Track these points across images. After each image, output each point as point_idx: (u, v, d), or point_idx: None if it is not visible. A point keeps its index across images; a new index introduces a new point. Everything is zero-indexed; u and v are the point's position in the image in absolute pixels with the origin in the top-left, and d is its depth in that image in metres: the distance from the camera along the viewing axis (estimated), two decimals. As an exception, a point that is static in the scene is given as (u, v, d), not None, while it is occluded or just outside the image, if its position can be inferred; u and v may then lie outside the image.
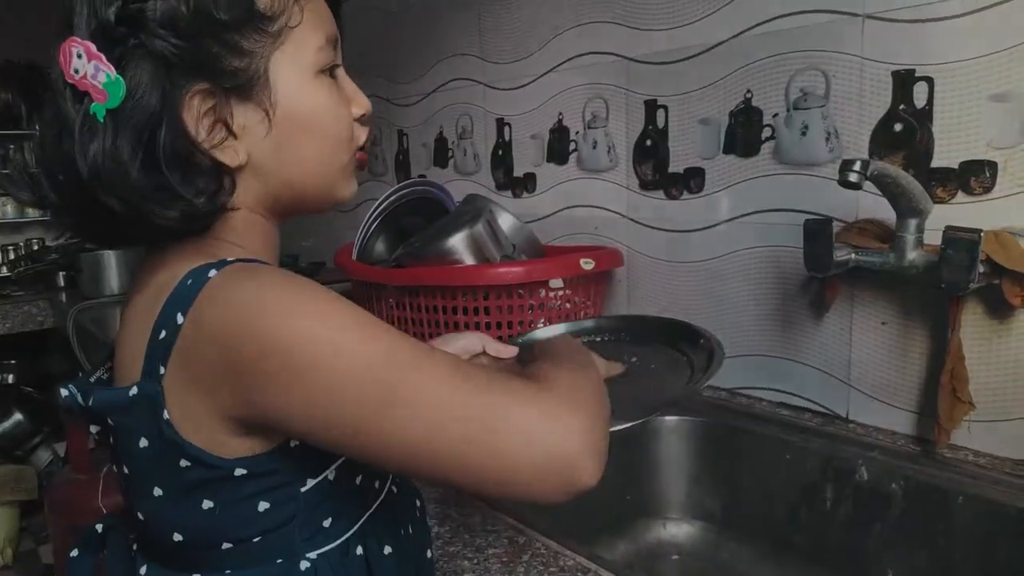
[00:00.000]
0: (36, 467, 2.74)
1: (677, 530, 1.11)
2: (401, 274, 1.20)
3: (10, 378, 3.05)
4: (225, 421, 0.50)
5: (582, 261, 1.15)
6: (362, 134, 0.61)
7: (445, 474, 0.47)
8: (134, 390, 0.51)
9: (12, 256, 3.06)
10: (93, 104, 0.48)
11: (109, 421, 0.54)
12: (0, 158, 3.07)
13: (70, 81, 0.48)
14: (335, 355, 0.46)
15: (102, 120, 0.48)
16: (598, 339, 0.93)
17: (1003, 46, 0.85)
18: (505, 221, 1.36)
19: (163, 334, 0.50)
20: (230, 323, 0.47)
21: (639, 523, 1.11)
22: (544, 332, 0.97)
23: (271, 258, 0.60)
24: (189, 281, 0.50)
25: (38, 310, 2.61)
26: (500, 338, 1.12)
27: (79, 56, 0.48)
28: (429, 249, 1.19)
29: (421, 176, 1.90)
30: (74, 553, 0.64)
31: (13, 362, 3.06)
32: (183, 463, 0.51)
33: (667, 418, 1.12)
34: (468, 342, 0.84)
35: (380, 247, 1.45)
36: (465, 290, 1.13)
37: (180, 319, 0.49)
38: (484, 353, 0.84)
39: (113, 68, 0.48)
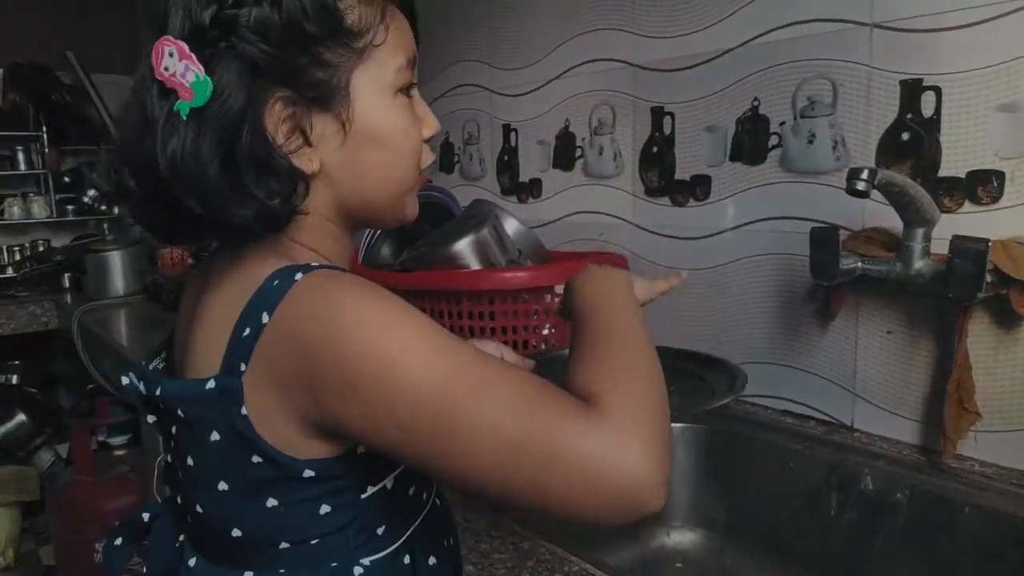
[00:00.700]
0: (38, 468, 2.74)
1: (681, 537, 1.11)
2: (407, 278, 1.20)
3: (14, 379, 3.05)
4: (298, 422, 0.51)
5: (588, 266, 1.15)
6: (428, 156, 0.62)
7: (516, 501, 0.48)
8: (211, 383, 0.51)
9: (18, 257, 3.07)
10: (179, 102, 0.49)
11: (179, 412, 0.54)
12: (9, 159, 3.09)
13: (159, 78, 0.50)
14: (405, 375, 0.47)
15: (185, 118, 0.49)
16: None
17: (1011, 56, 0.85)
18: (511, 226, 1.36)
19: (247, 331, 0.50)
20: (312, 329, 0.48)
21: (643, 530, 1.10)
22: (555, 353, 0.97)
23: (343, 265, 0.61)
24: (276, 282, 0.50)
25: (43, 311, 2.62)
26: (506, 342, 1.12)
27: (171, 55, 0.49)
28: (435, 254, 1.20)
29: (427, 181, 1.91)
30: (118, 541, 0.64)
31: (17, 363, 3.06)
32: (255, 459, 0.51)
33: (672, 425, 1.12)
34: (484, 348, 0.84)
35: (386, 251, 1.45)
36: (470, 295, 1.13)
37: (265, 318, 0.49)
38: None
39: (202, 68, 0.49)
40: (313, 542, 0.54)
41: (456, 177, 1.81)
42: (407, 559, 0.59)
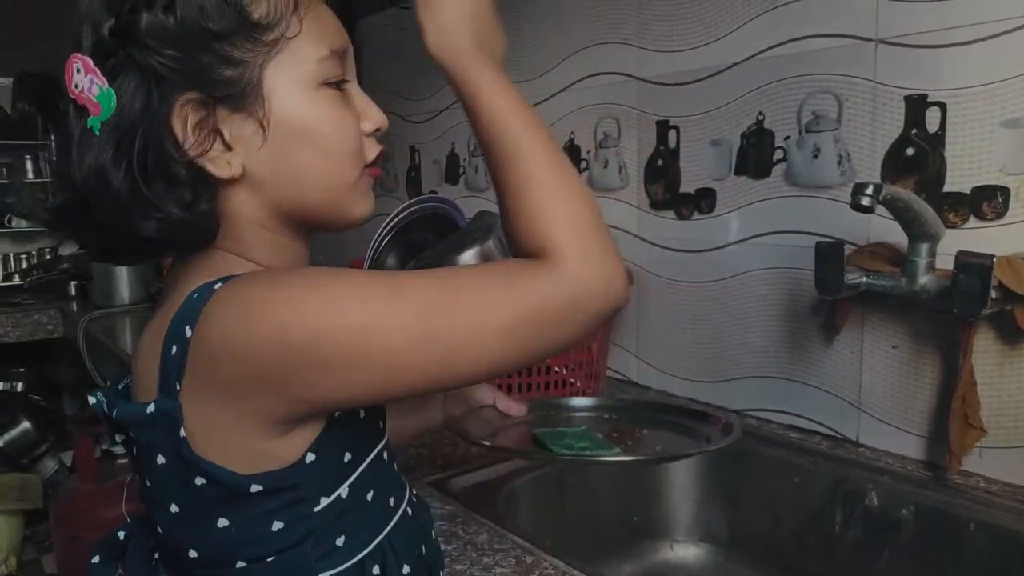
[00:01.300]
0: (41, 476, 2.74)
1: (684, 552, 1.10)
2: (411, 290, 1.20)
3: (19, 386, 3.06)
4: (258, 426, 0.50)
5: (592, 280, 1.15)
6: (373, 150, 0.58)
7: (525, 364, 0.53)
8: (151, 407, 0.51)
9: (24, 265, 3.08)
10: (91, 118, 0.49)
11: (131, 435, 0.54)
12: (17, 167, 3.11)
13: (72, 96, 0.49)
14: (370, 330, 0.48)
15: (99, 134, 0.49)
16: (598, 416, 0.91)
17: (1017, 72, 0.85)
18: (515, 238, 1.36)
19: (174, 349, 0.50)
20: (249, 332, 0.48)
21: (646, 544, 1.10)
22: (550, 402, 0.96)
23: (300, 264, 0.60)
24: (195, 295, 0.50)
25: (48, 319, 2.63)
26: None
27: (78, 71, 0.49)
28: (440, 264, 1.20)
29: (432, 192, 1.91)
30: (95, 559, 0.64)
31: (22, 370, 3.07)
32: (198, 481, 0.51)
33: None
34: (477, 392, 0.84)
35: (391, 262, 1.45)
36: (475, 307, 1.13)
37: (188, 332, 0.49)
38: (493, 406, 0.85)
39: (106, 81, 0.49)
40: (270, 559, 0.53)
41: (461, 188, 1.82)
42: (376, 569, 0.57)
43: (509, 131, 0.55)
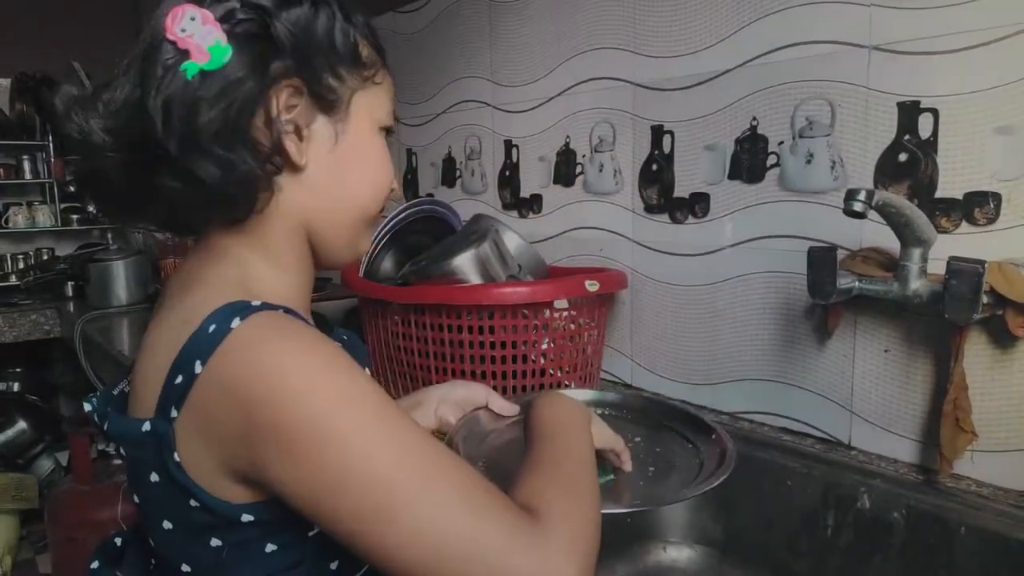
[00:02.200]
0: (37, 476, 2.74)
1: (678, 554, 1.11)
2: (407, 292, 1.21)
3: (15, 386, 3.06)
4: (230, 473, 0.50)
5: (587, 283, 1.15)
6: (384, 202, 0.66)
7: None
8: (147, 426, 0.51)
9: (22, 265, 3.08)
10: (188, 62, 0.51)
11: (122, 451, 0.54)
12: (15, 168, 3.11)
13: (171, 38, 0.52)
14: (346, 446, 0.47)
15: (190, 78, 0.51)
16: (599, 412, 0.92)
17: (1009, 80, 0.86)
18: (511, 241, 1.37)
19: (179, 379, 0.50)
20: (246, 385, 0.48)
21: (639, 546, 1.10)
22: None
23: (303, 290, 0.62)
24: (211, 328, 0.49)
25: (45, 319, 2.63)
26: (505, 357, 1.13)
27: (192, 19, 0.52)
28: (435, 268, 1.20)
29: (429, 195, 1.92)
30: (95, 564, 0.64)
31: (19, 370, 3.07)
32: (192, 503, 0.51)
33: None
34: (471, 393, 0.85)
35: (387, 265, 1.46)
36: (470, 309, 1.14)
37: (198, 367, 0.49)
38: (486, 408, 0.85)
39: (225, 37, 0.52)
40: None
41: (458, 192, 1.82)
42: None
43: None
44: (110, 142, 0.53)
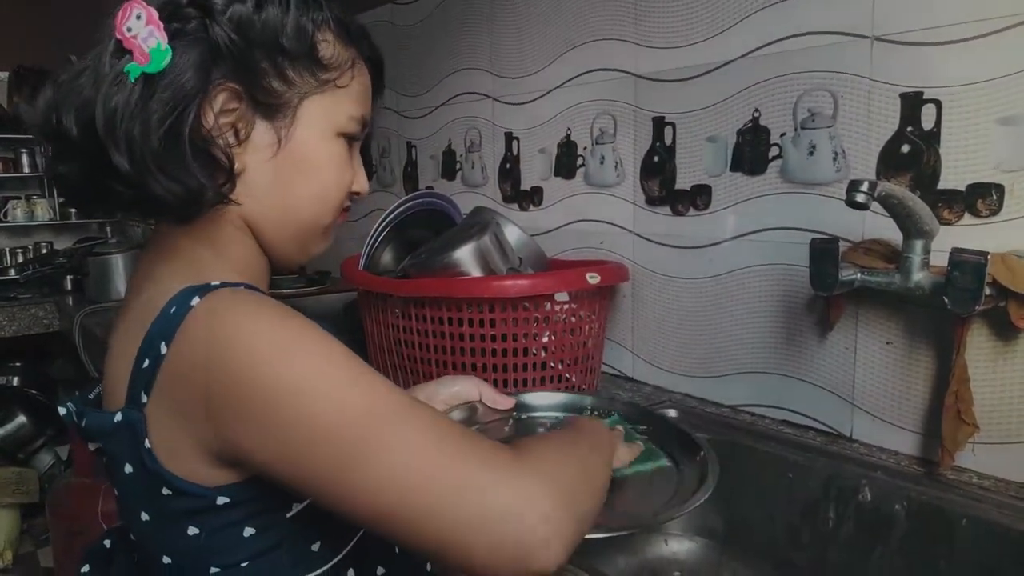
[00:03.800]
0: (38, 470, 2.74)
1: (679, 547, 1.11)
2: (407, 285, 1.21)
3: (15, 380, 3.05)
4: (202, 452, 0.50)
5: (588, 275, 1.15)
6: (346, 204, 0.63)
7: (405, 539, 0.46)
8: (118, 416, 0.51)
9: (20, 259, 3.08)
10: (131, 64, 0.50)
11: (100, 445, 0.54)
12: (12, 161, 3.10)
13: (118, 36, 0.51)
14: (313, 401, 0.46)
15: (133, 80, 0.50)
16: (589, 413, 0.92)
17: (1011, 70, 0.85)
18: (512, 234, 1.37)
19: (146, 363, 0.50)
20: (205, 352, 0.47)
21: (640, 539, 1.10)
22: (538, 396, 0.96)
23: (257, 280, 0.60)
24: (172, 309, 0.50)
25: (44, 313, 2.63)
26: (506, 350, 1.12)
27: (138, 17, 0.51)
28: (436, 261, 1.20)
29: (429, 188, 1.91)
30: (85, 569, 0.64)
31: (18, 364, 3.07)
32: (165, 491, 0.51)
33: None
34: (463, 388, 0.84)
35: (387, 257, 1.45)
36: (471, 302, 1.13)
37: (163, 348, 0.49)
38: (480, 401, 0.84)
39: (166, 39, 0.51)
40: (243, 565, 0.53)
41: (458, 184, 1.82)
42: (351, 573, 0.58)
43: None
44: (74, 139, 0.52)
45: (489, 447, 0.48)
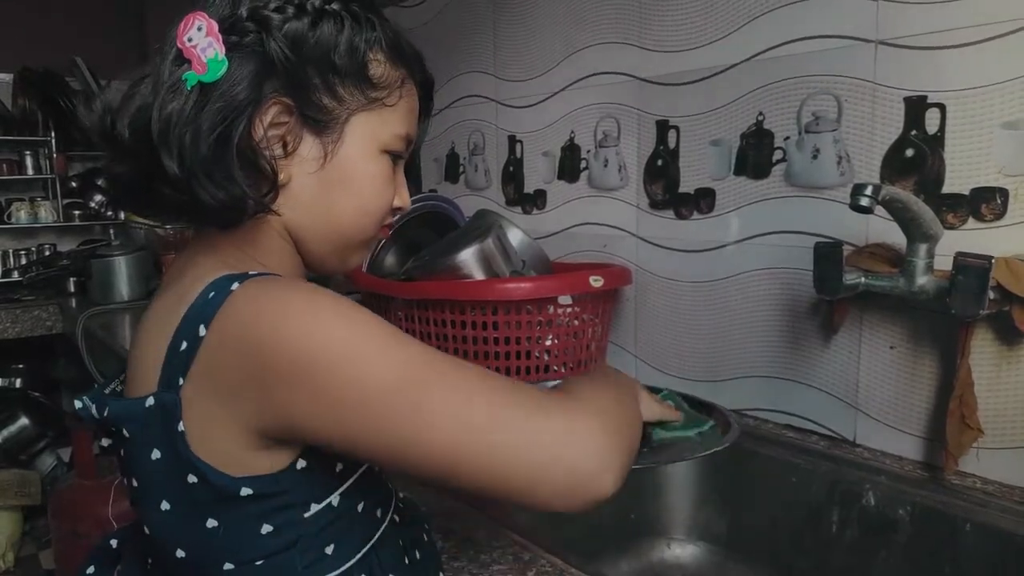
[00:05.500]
0: (40, 472, 2.75)
1: (682, 551, 1.11)
2: (410, 287, 1.21)
3: (18, 382, 3.06)
4: (243, 432, 0.50)
5: (591, 278, 1.15)
6: (388, 220, 0.65)
7: (467, 485, 0.49)
8: (151, 400, 0.52)
9: (24, 261, 3.08)
10: (188, 72, 0.52)
11: (124, 432, 0.54)
12: (17, 164, 3.11)
13: (179, 45, 0.53)
14: (360, 362, 0.48)
15: (189, 89, 0.52)
16: None
17: (1016, 74, 0.85)
18: (515, 237, 1.37)
19: (184, 345, 0.50)
20: (255, 333, 0.49)
21: (644, 542, 1.10)
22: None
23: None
24: (211, 293, 0.51)
25: (48, 315, 2.63)
26: (509, 353, 1.12)
27: (199, 28, 0.52)
28: (439, 263, 1.20)
29: (432, 191, 1.91)
30: (90, 570, 0.64)
31: (21, 366, 3.08)
32: (191, 479, 0.51)
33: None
34: None
35: (390, 260, 1.46)
36: (474, 305, 1.13)
37: (203, 331, 0.50)
38: None
39: (224, 50, 0.52)
40: (258, 563, 0.53)
41: (461, 187, 1.82)
42: None
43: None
44: (127, 141, 0.54)
45: (539, 392, 0.52)
